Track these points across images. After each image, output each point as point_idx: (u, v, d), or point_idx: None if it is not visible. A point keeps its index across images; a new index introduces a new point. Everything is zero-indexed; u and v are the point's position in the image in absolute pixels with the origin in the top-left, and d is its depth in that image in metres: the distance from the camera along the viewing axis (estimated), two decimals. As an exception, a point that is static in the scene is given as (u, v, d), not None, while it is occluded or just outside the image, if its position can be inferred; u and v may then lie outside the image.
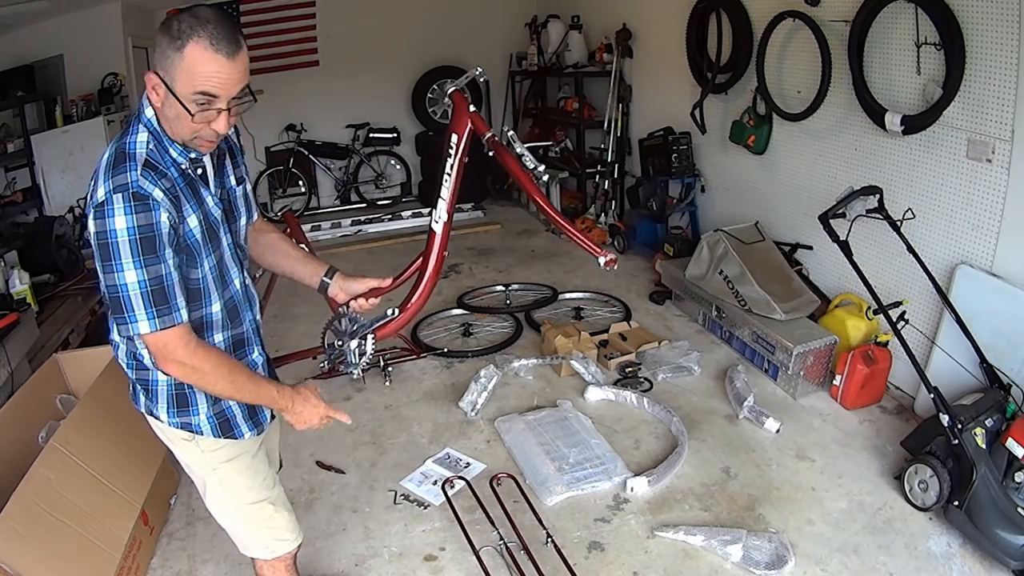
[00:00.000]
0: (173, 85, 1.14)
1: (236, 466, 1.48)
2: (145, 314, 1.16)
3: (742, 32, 3.69)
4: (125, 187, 1.12)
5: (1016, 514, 1.99)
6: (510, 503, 2.35)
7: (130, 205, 1.12)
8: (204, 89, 1.14)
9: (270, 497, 1.57)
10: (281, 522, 1.60)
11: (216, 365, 1.26)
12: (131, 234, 1.12)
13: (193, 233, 1.25)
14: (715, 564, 2.08)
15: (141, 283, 1.14)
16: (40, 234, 3.75)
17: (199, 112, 1.15)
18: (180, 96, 1.14)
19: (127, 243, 1.12)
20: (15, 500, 1.73)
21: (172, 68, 1.12)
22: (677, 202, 4.47)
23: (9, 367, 2.62)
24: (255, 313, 1.52)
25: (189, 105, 1.14)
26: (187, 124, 1.17)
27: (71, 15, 4.97)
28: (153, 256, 1.15)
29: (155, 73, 1.15)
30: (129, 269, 1.13)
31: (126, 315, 1.16)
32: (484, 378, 2.97)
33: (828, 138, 3.25)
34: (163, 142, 1.22)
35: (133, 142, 1.19)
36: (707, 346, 3.46)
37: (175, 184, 1.21)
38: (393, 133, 6.53)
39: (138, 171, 1.15)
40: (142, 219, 1.13)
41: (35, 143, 4.70)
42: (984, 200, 2.51)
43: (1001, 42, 2.34)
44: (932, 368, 2.60)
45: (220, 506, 1.54)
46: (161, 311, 1.17)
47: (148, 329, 1.17)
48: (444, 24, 6.47)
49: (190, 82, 1.13)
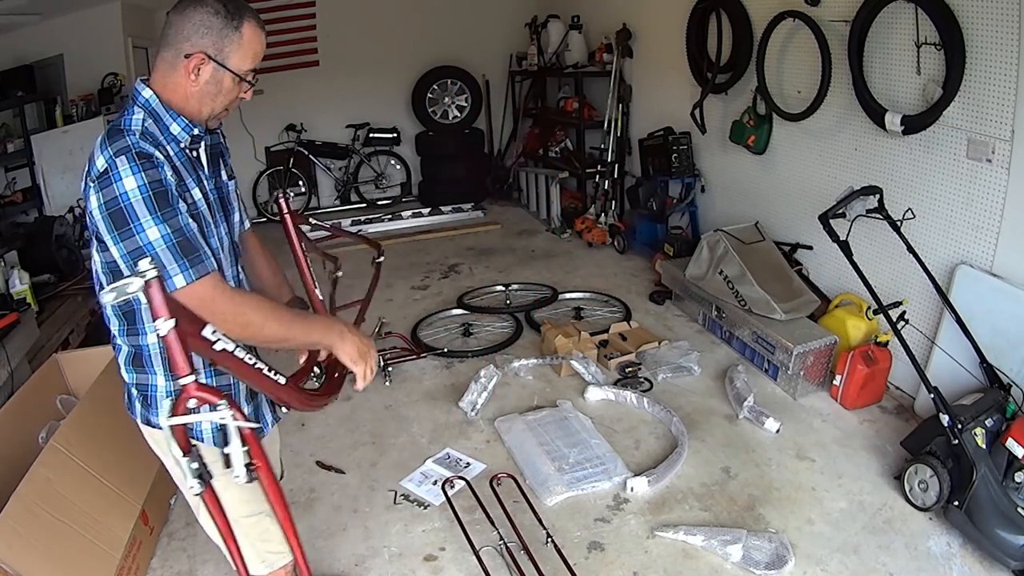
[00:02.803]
0: (227, 62, 1.22)
1: (229, 478, 1.44)
2: (178, 266, 1.14)
3: (742, 32, 3.69)
4: (127, 149, 1.13)
5: (1016, 514, 1.99)
6: (510, 503, 2.35)
7: (136, 164, 1.12)
8: (256, 64, 1.27)
9: (267, 509, 1.51)
10: (277, 534, 1.54)
11: (257, 307, 1.23)
12: (143, 192, 1.12)
13: (199, 205, 1.27)
14: (715, 564, 2.08)
15: (166, 237, 1.13)
16: (40, 234, 3.76)
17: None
18: (235, 70, 1.24)
19: (141, 201, 1.12)
20: (15, 500, 1.73)
21: (228, 45, 1.21)
22: (677, 202, 4.47)
23: (9, 367, 2.62)
24: None
25: (245, 77, 1.26)
26: (229, 96, 1.27)
27: (71, 15, 4.97)
28: (169, 209, 1.15)
29: (202, 54, 1.21)
30: (151, 227, 1.12)
31: (166, 270, 1.14)
32: (484, 378, 2.97)
33: (828, 138, 3.25)
34: (163, 119, 1.24)
35: (129, 120, 1.20)
36: (707, 346, 3.46)
37: (174, 159, 1.22)
38: (393, 133, 6.53)
39: (136, 136, 1.17)
40: (151, 175, 1.13)
41: (35, 143, 4.69)
42: (984, 200, 2.51)
43: (1001, 42, 2.34)
44: (932, 368, 2.60)
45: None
46: (193, 260, 1.16)
47: (184, 282, 1.15)
48: (444, 24, 6.47)
49: (246, 58, 1.24)
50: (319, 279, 1.74)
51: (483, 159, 6.68)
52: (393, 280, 4.46)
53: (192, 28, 1.20)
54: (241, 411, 1.05)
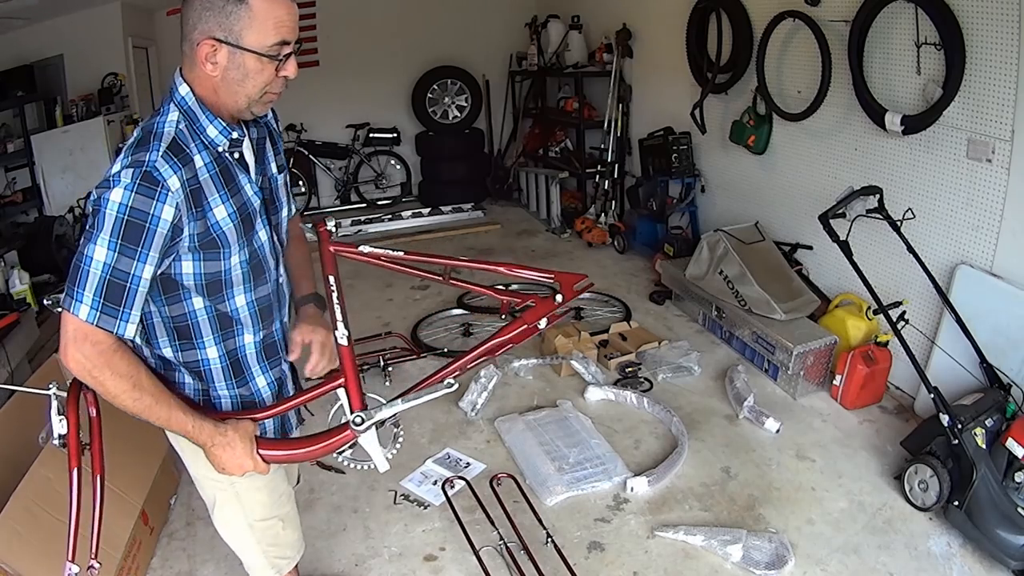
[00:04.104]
0: (241, 41, 1.09)
1: (255, 483, 1.41)
2: (91, 301, 1.05)
3: (742, 32, 3.69)
4: (140, 164, 1.06)
5: (1016, 514, 1.99)
6: (510, 503, 2.34)
7: (135, 183, 1.04)
8: (283, 37, 1.11)
9: (281, 514, 1.53)
10: (287, 539, 1.57)
11: (122, 376, 1.10)
12: (121, 211, 1.04)
13: (220, 225, 1.17)
14: (715, 564, 2.08)
15: (105, 266, 1.04)
16: (40, 234, 3.76)
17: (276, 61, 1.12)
18: (256, 49, 1.10)
19: (113, 218, 1.04)
20: (15, 500, 1.73)
21: (237, 24, 1.08)
22: (677, 202, 4.47)
23: (9, 367, 2.62)
24: (283, 315, 1.42)
25: (268, 54, 1.11)
26: (259, 80, 1.13)
27: (71, 15, 4.97)
28: (131, 248, 1.05)
29: (211, 39, 1.09)
30: (102, 246, 1.04)
31: (74, 288, 1.05)
32: (484, 378, 2.97)
33: (828, 138, 3.25)
34: (199, 121, 1.15)
35: (162, 122, 1.13)
36: (707, 346, 3.46)
37: (202, 172, 1.14)
38: (393, 133, 6.53)
39: (160, 151, 1.08)
40: (140, 202, 1.04)
41: (35, 143, 4.70)
42: (984, 200, 2.51)
43: (1001, 42, 2.34)
44: (932, 368, 2.60)
45: (232, 523, 1.50)
46: (107, 308, 1.06)
47: (84, 317, 1.05)
48: (444, 24, 6.46)
49: (265, 32, 1.09)
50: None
51: (483, 159, 6.67)
52: (393, 280, 4.46)
53: (196, 14, 1.09)
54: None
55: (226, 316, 1.27)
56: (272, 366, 1.38)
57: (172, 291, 1.20)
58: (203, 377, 1.30)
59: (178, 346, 1.26)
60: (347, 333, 1.32)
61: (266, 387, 1.38)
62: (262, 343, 1.34)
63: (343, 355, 1.32)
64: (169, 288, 1.20)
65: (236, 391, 1.34)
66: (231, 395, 1.34)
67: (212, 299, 1.23)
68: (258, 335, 1.33)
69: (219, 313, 1.25)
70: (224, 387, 1.32)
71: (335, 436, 1.31)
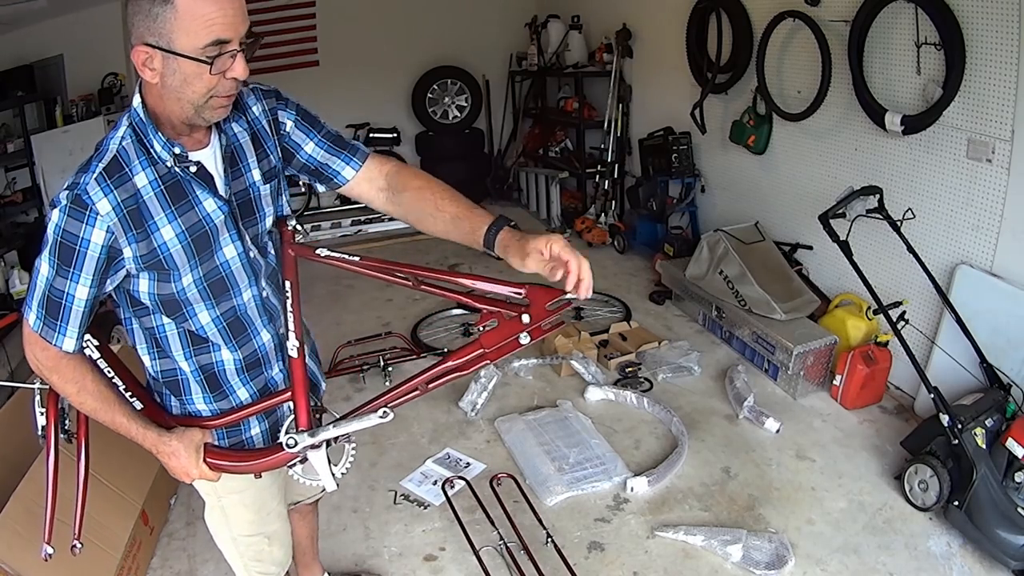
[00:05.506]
0: (171, 45, 1.00)
1: (243, 499, 1.43)
2: (36, 312, 1.11)
3: (742, 32, 3.69)
4: (73, 187, 1.07)
5: (1016, 514, 1.99)
6: (510, 503, 2.35)
7: (68, 206, 1.06)
8: (216, 36, 1.00)
9: (267, 531, 1.51)
10: (273, 556, 1.55)
11: (68, 380, 1.18)
12: (56, 232, 1.07)
13: (167, 247, 1.13)
14: (715, 564, 2.08)
15: (47, 283, 1.09)
16: (40, 234, 3.75)
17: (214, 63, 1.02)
18: (187, 52, 1.00)
19: (51, 238, 1.07)
20: (15, 500, 1.73)
21: (164, 27, 0.99)
22: (677, 202, 4.46)
23: (9, 367, 2.63)
24: (277, 326, 1.34)
25: (202, 58, 1.01)
26: (200, 85, 1.04)
27: (71, 15, 4.97)
28: (65, 269, 1.08)
29: (144, 45, 1.01)
30: (45, 262, 1.08)
31: (29, 295, 1.12)
32: (484, 378, 2.97)
33: (828, 138, 3.25)
34: (147, 135, 1.10)
35: (109, 139, 1.12)
36: (707, 346, 3.46)
37: (145, 191, 1.10)
38: (393, 133, 6.52)
39: (96, 173, 1.07)
40: (70, 226, 1.06)
41: (35, 143, 4.69)
42: (984, 200, 2.51)
43: (1001, 42, 2.34)
44: (932, 368, 2.60)
45: (217, 533, 1.52)
46: (48, 321, 1.11)
47: (31, 327, 1.13)
48: (444, 24, 6.46)
49: (195, 33, 0.99)
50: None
51: (483, 159, 6.67)
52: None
53: (130, 19, 1.02)
54: None
55: (194, 333, 1.24)
56: (252, 377, 1.34)
57: (139, 306, 1.21)
58: (180, 389, 1.30)
59: (156, 355, 1.28)
60: (298, 344, 1.25)
61: (248, 399, 1.35)
62: (243, 361, 1.31)
63: (293, 368, 1.26)
64: (135, 303, 1.21)
65: (215, 405, 1.32)
66: (211, 409, 1.32)
67: (173, 317, 1.22)
68: (236, 352, 1.29)
69: (185, 330, 1.24)
70: (201, 400, 1.31)
71: (277, 452, 1.27)
